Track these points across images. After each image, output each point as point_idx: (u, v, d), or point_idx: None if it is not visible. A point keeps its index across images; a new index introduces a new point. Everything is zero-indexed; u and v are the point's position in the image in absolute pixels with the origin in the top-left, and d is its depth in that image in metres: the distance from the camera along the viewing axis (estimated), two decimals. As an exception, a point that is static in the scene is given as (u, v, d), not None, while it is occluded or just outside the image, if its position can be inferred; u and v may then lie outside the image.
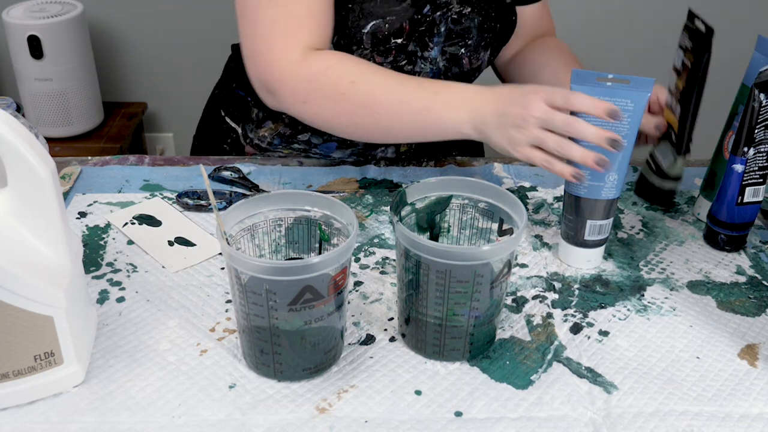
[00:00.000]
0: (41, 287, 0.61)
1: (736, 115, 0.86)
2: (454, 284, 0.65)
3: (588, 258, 0.83)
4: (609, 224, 0.82)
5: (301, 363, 0.67)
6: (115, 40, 2.15)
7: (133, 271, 0.81)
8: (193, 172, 0.99)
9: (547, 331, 0.75)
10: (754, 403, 0.68)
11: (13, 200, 0.62)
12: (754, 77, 0.83)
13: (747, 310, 0.79)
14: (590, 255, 0.83)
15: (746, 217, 0.86)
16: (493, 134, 0.82)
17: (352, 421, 0.64)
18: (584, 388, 0.68)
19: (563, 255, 0.84)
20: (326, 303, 0.64)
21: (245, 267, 0.62)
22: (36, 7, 1.92)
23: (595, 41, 2.09)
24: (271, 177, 0.98)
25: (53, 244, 0.63)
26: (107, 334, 0.72)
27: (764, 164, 0.83)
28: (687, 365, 0.72)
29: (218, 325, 0.74)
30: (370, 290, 0.79)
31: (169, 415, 0.64)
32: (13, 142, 0.59)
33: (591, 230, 0.81)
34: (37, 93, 1.94)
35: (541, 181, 1.00)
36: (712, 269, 0.85)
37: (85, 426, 0.63)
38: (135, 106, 2.19)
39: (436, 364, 0.71)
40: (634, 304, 0.79)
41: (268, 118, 1.05)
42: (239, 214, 0.68)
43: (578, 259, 0.83)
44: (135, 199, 0.93)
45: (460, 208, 0.74)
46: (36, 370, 0.64)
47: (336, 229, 0.69)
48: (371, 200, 0.94)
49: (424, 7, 0.92)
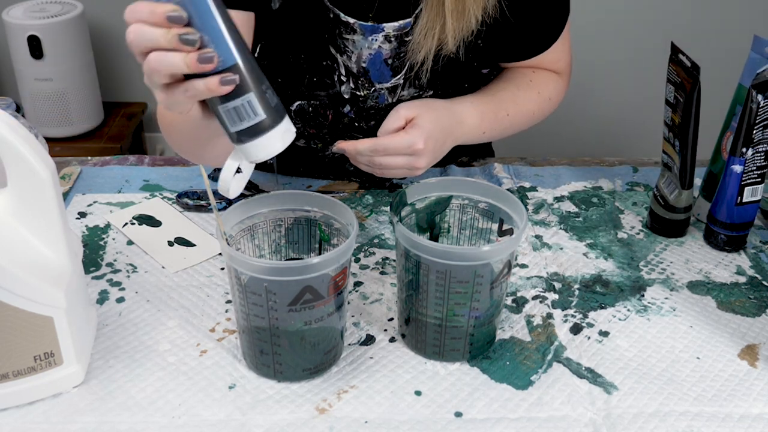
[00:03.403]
0: (41, 287, 0.61)
1: (734, 116, 0.86)
2: (454, 284, 0.65)
3: (256, 151, 0.61)
4: (251, 103, 0.59)
5: (301, 363, 0.67)
6: (115, 40, 2.15)
7: (133, 271, 0.81)
8: (193, 172, 0.99)
9: (547, 331, 0.75)
10: (754, 403, 0.68)
11: (13, 200, 0.62)
12: (750, 77, 0.83)
13: (747, 310, 0.79)
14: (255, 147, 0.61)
15: (746, 217, 0.86)
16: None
17: (352, 421, 0.64)
18: (584, 389, 0.68)
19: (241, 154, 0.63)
20: (326, 303, 0.64)
21: (245, 267, 0.62)
22: (36, 7, 1.92)
23: (595, 41, 2.10)
24: (271, 177, 0.98)
25: (53, 244, 0.63)
26: (107, 335, 0.72)
27: (762, 164, 0.83)
28: (687, 365, 0.71)
29: (218, 326, 0.74)
30: (370, 290, 0.79)
31: (169, 416, 0.64)
32: (13, 142, 0.59)
33: (229, 118, 0.60)
34: (37, 93, 1.94)
35: (541, 181, 1.00)
36: (712, 269, 0.85)
37: (85, 426, 0.63)
38: (135, 106, 2.19)
39: (436, 364, 0.71)
40: (634, 305, 0.79)
41: None
42: (239, 214, 0.68)
43: (249, 153, 0.62)
44: (135, 200, 0.93)
45: (460, 208, 0.74)
46: (36, 370, 0.64)
47: (336, 230, 0.69)
48: (371, 200, 0.94)
49: (348, 104, 0.89)
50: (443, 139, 0.86)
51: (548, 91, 0.98)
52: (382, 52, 0.87)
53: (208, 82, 0.58)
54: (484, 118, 0.91)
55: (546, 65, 0.98)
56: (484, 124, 0.91)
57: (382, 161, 0.83)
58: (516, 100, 0.94)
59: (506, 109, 0.93)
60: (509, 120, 0.94)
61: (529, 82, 0.96)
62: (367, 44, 0.86)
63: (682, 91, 0.83)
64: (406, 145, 0.82)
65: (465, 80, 0.95)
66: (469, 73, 0.95)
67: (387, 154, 0.83)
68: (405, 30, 0.86)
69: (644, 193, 0.98)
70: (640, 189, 0.99)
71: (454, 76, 0.92)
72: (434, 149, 0.85)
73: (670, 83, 0.86)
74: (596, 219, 0.93)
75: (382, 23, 0.85)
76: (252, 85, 0.59)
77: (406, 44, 0.87)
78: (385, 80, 0.89)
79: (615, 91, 2.19)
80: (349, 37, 0.86)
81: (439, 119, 0.85)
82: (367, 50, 0.87)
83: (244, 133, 0.60)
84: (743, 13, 2.07)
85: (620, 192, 0.98)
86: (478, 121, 0.91)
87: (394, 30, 0.85)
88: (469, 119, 0.90)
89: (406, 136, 0.82)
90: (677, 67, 0.84)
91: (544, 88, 0.97)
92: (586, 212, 0.94)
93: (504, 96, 0.94)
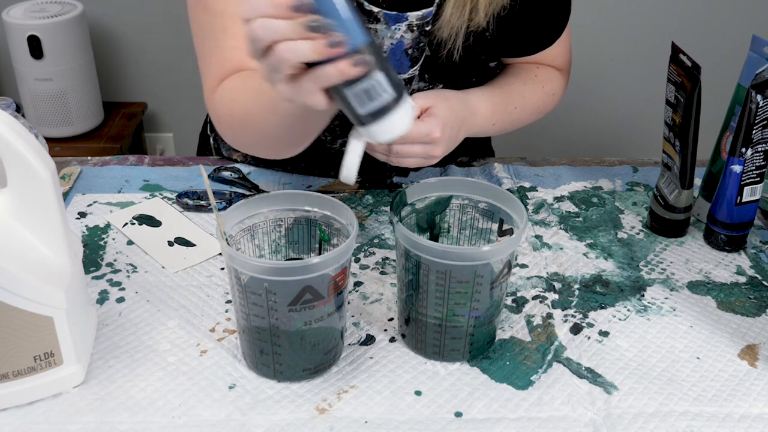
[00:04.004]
0: (41, 287, 0.61)
1: (733, 116, 0.86)
2: (454, 284, 0.66)
3: (386, 130, 0.61)
4: (380, 82, 0.58)
5: (301, 363, 0.67)
6: (115, 40, 2.15)
7: (133, 271, 0.81)
8: (193, 172, 0.99)
9: (547, 331, 0.75)
10: (754, 403, 0.68)
11: (13, 200, 0.62)
12: (749, 77, 0.83)
13: (747, 310, 0.79)
14: (384, 126, 0.61)
15: (745, 217, 0.86)
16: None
17: (352, 421, 0.64)
18: (584, 389, 0.69)
19: (367, 137, 0.63)
20: (326, 303, 0.64)
21: (245, 267, 0.62)
22: (36, 7, 1.92)
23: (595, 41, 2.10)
24: (271, 177, 0.98)
25: (53, 244, 0.63)
26: (107, 335, 0.72)
27: (762, 164, 0.83)
28: (687, 366, 0.72)
29: (218, 326, 0.74)
30: (370, 290, 0.79)
31: (169, 416, 0.64)
32: (13, 142, 0.59)
33: (358, 100, 0.59)
34: (37, 93, 1.94)
35: (541, 181, 1.00)
36: (712, 269, 0.85)
37: (85, 426, 0.63)
38: (135, 106, 2.19)
39: (436, 364, 0.71)
40: (634, 305, 0.79)
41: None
42: (239, 214, 0.68)
43: (378, 134, 0.61)
44: (135, 200, 0.93)
45: (460, 208, 0.74)
46: (36, 370, 0.64)
47: (336, 230, 0.69)
48: (371, 200, 0.94)
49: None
50: (458, 128, 0.87)
51: (552, 87, 0.99)
52: (403, 41, 0.87)
53: (340, 66, 0.56)
54: (495, 110, 0.93)
55: (549, 61, 0.99)
56: (494, 116, 0.93)
57: (400, 149, 0.83)
58: (523, 94, 0.96)
59: (514, 102, 0.95)
60: (517, 113, 0.96)
61: (534, 77, 0.98)
62: (390, 33, 0.86)
63: (683, 91, 0.83)
64: (424, 134, 0.82)
65: (473, 74, 0.96)
66: (477, 66, 0.95)
67: (404, 143, 0.83)
68: (427, 19, 0.86)
69: (644, 193, 0.98)
70: (640, 189, 0.99)
71: (462, 69, 0.93)
72: (450, 138, 0.85)
73: (671, 83, 0.86)
74: (596, 219, 0.93)
75: (405, 12, 0.85)
76: (378, 63, 0.58)
77: (426, 34, 0.87)
78: (404, 70, 0.90)
79: (615, 91, 2.19)
80: (371, 27, 0.86)
81: (454, 109, 0.86)
82: (389, 40, 0.87)
83: (373, 113, 0.59)
84: (743, 13, 2.07)
85: (620, 192, 0.98)
86: (489, 113, 0.92)
87: (417, 19, 0.86)
88: (482, 110, 0.91)
89: (423, 125, 0.83)
90: (678, 67, 0.84)
91: (548, 84, 0.99)
92: (586, 212, 0.94)
93: (512, 89, 0.95)
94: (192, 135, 1.19)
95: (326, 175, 0.99)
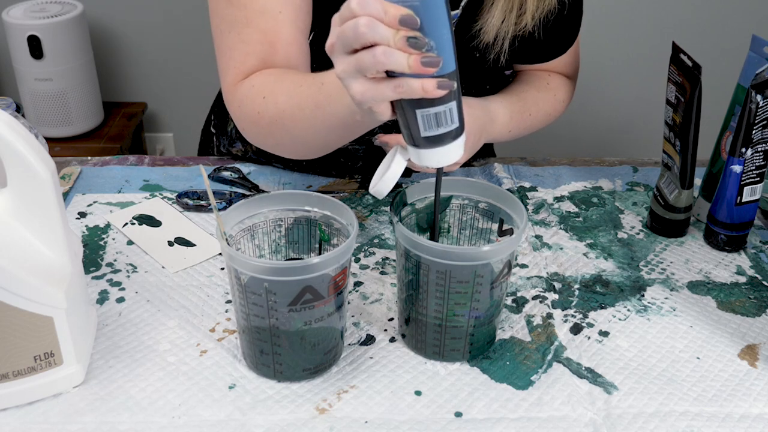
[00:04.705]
0: (41, 287, 0.61)
1: (733, 116, 0.86)
2: (454, 284, 0.65)
3: (438, 158, 0.63)
4: (451, 110, 0.60)
5: (301, 363, 0.67)
6: (115, 40, 2.15)
7: (133, 271, 0.81)
8: (193, 172, 0.99)
9: (547, 331, 0.75)
10: (754, 403, 0.68)
11: (13, 200, 0.62)
12: (749, 77, 0.83)
13: (747, 310, 0.79)
14: (438, 154, 0.62)
15: (745, 216, 0.86)
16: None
17: (352, 421, 0.64)
18: (584, 389, 0.69)
19: (414, 158, 0.64)
20: (326, 303, 0.64)
21: (245, 267, 0.62)
22: (36, 7, 1.92)
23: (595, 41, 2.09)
24: (271, 177, 0.98)
25: (53, 244, 0.63)
26: (107, 335, 0.72)
27: (761, 164, 0.83)
28: (687, 366, 0.72)
29: (218, 326, 0.74)
30: (370, 290, 0.79)
31: (169, 416, 0.64)
32: (13, 142, 0.59)
33: (425, 122, 0.61)
34: (37, 93, 1.94)
35: (541, 181, 1.00)
36: (712, 269, 0.85)
37: (85, 426, 0.63)
38: (135, 106, 2.19)
39: (436, 364, 0.71)
40: (634, 305, 0.79)
41: (239, 138, 1.03)
42: (239, 214, 0.68)
43: (429, 159, 0.63)
44: (135, 200, 0.93)
45: (460, 208, 0.74)
46: (36, 370, 0.64)
47: (336, 230, 0.69)
48: (371, 200, 0.94)
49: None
50: (479, 134, 0.87)
51: (562, 94, 1.00)
52: None
53: (425, 83, 0.57)
54: (512, 117, 0.93)
55: (560, 69, 1.01)
56: (511, 123, 0.93)
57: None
58: (537, 102, 0.97)
59: (529, 110, 0.95)
60: (530, 120, 0.96)
61: (546, 84, 0.99)
62: None
63: (683, 91, 0.83)
64: None
65: (488, 81, 0.97)
66: (493, 74, 0.95)
67: None
68: (455, 21, 0.85)
69: (644, 193, 0.98)
70: (640, 189, 0.99)
71: (479, 77, 0.93)
72: (471, 145, 0.85)
73: (671, 83, 0.86)
74: (596, 219, 0.93)
75: None
76: (456, 92, 0.59)
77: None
78: None
79: (615, 91, 2.19)
80: None
81: (475, 116, 0.87)
82: None
83: (433, 138, 0.61)
84: (743, 13, 2.07)
85: (620, 192, 0.98)
86: (507, 120, 0.93)
87: None
88: (500, 117, 0.91)
89: None
90: (678, 67, 0.84)
91: (559, 91, 1.00)
92: (586, 212, 0.94)
93: (527, 97, 0.96)
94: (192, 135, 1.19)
95: (327, 175, 0.99)
